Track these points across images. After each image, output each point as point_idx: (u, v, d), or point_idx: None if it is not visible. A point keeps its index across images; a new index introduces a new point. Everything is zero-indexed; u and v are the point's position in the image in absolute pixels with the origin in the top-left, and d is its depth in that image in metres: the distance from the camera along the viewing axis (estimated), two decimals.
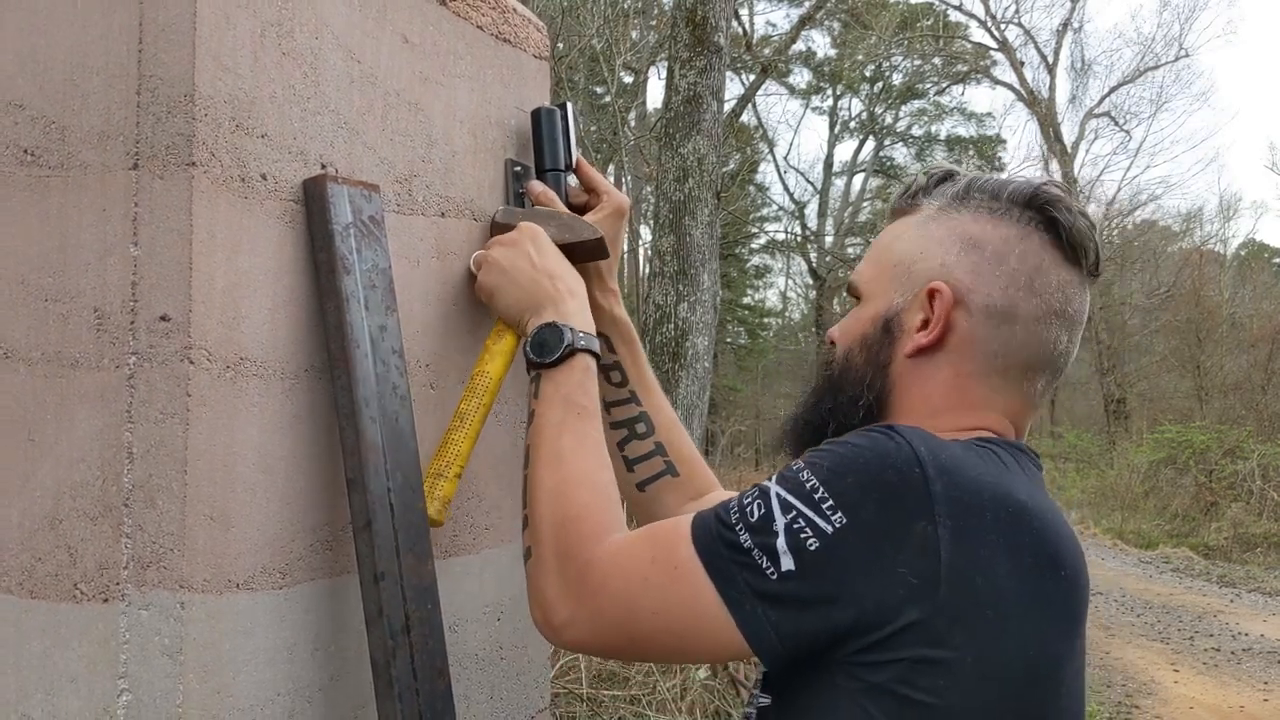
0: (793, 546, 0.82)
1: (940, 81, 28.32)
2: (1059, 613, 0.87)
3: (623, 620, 0.88)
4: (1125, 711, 5.87)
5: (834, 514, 0.82)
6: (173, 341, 0.87)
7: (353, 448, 0.96)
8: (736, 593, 0.84)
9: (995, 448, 0.91)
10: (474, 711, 1.19)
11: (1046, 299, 0.96)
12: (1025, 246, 0.96)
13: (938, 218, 1.00)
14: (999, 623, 0.82)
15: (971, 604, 0.81)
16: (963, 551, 0.81)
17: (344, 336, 0.97)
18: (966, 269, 0.96)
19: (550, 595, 0.92)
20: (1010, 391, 0.97)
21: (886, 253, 1.02)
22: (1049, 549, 0.86)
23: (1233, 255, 30.64)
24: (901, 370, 0.98)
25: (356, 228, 1.00)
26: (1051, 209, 0.96)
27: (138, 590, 0.86)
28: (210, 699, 0.87)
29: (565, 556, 0.92)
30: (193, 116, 0.88)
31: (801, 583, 0.82)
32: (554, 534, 0.94)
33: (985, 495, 0.83)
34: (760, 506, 0.85)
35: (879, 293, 1.01)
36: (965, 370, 0.96)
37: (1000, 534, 0.83)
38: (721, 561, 0.85)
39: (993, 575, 0.82)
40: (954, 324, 0.96)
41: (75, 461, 0.88)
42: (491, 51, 1.24)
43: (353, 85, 1.04)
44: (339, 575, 1.00)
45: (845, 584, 0.81)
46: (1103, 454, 19.55)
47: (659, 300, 7.78)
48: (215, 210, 0.89)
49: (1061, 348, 0.98)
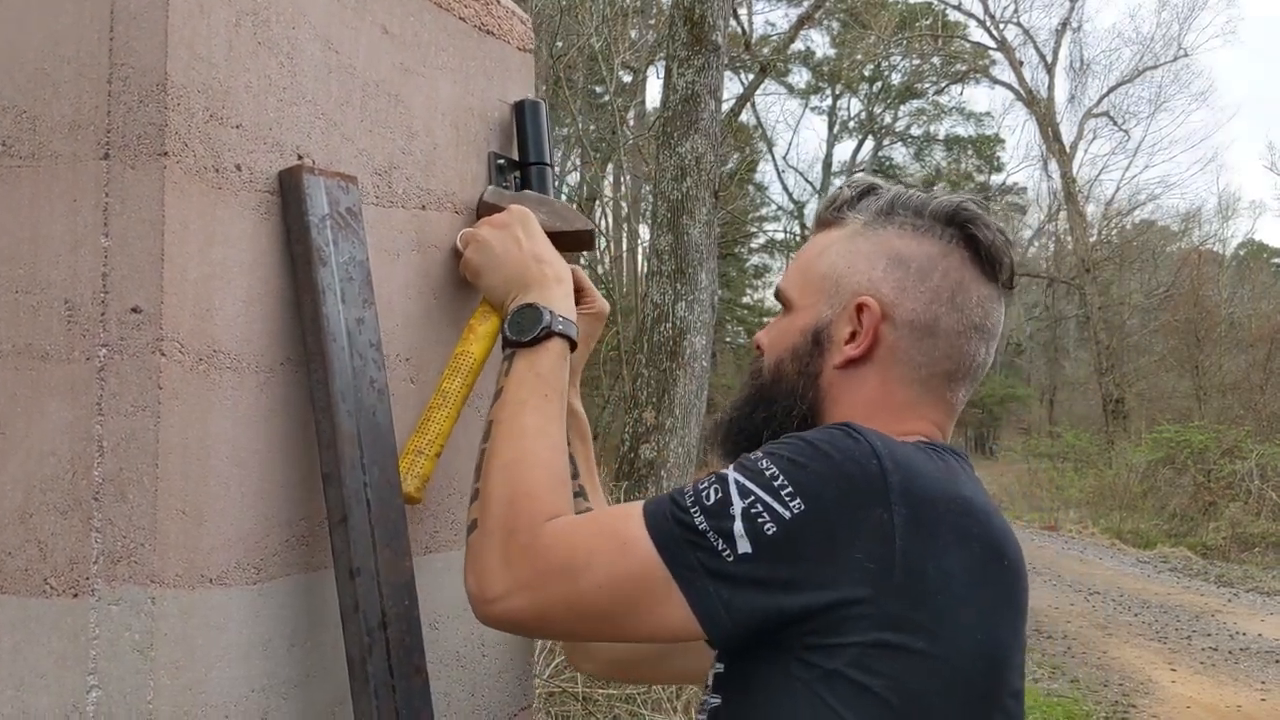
0: (749, 530, 0.84)
1: (939, 81, 28.33)
2: (1005, 601, 0.91)
3: (566, 593, 0.89)
4: (1122, 711, 5.87)
5: (792, 500, 0.84)
6: (144, 333, 0.86)
7: (328, 442, 0.95)
8: (688, 570, 0.85)
9: (934, 449, 0.95)
10: (455, 710, 1.18)
11: (967, 313, 1.01)
12: (947, 264, 1.01)
13: (864, 233, 1.04)
14: (952, 608, 0.86)
15: (925, 589, 0.84)
16: (917, 539, 0.84)
17: (320, 329, 0.96)
18: (892, 284, 1.01)
19: (491, 566, 0.92)
20: (933, 400, 1.02)
21: (814, 264, 1.06)
22: (994, 541, 0.90)
23: (1231, 255, 30.67)
24: (831, 380, 1.02)
25: (333, 219, 0.99)
26: (971, 226, 1.01)
27: (108, 585, 0.85)
28: (182, 695, 0.86)
29: (513, 530, 0.92)
30: (165, 106, 0.87)
31: (757, 565, 0.84)
32: (505, 508, 0.94)
33: (937, 490, 0.88)
34: (717, 491, 0.87)
35: (808, 305, 1.05)
36: (891, 379, 1.01)
37: (951, 525, 0.87)
38: (673, 541, 0.86)
39: (945, 563, 0.85)
40: (881, 337, 1.01)
41: (45, 455, 0.87)
42: (474, 43, 1.22)
43: (331, 76, 1.03)
44: (315, 570, 0.99)
45: (801, 568, 0.84)
46: (1101, 454, 19.54)
47: (656, 299, 7.77)
48: (188, 201, 0.88)
49: (980, 359, 1.03)
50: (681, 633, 0.88)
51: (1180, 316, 22.22)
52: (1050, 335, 31.35)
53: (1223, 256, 29.50)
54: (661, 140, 8.13)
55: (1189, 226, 29.69)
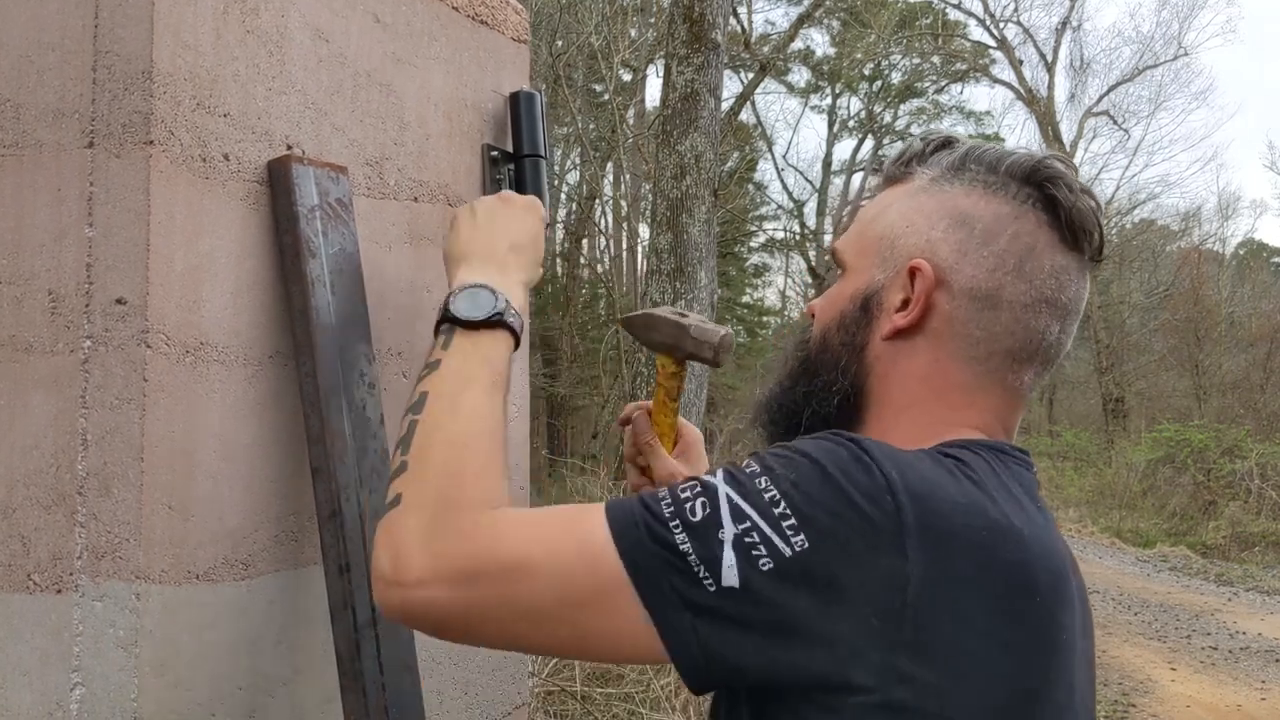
0: (741, 563, 0.72)
1: (939, 80, 28.31)
2: (1034, 645, 0.78)
3: (506, 596, 0.76)
4: (1122, 710, 5.86)
5: (795, 535, 0.73)
6: (129, 325, 0.85)
7: (317, 436, 0.94)
8: (659, 595, 0.73)
9: (971, 453, 0.83)
10: (448, 708, 1.16)
11: (1037, 284, 0.88)
12: (1019, 226, 0.89)
13: (929, 189, 0.92)
14: (968, 663, 0.74)
15: (939, 643, 0.73)
16: (931, 587, 0.73)
17: (309, 322, 0.94)
18: (952, 247, 0.89)
19: (411, 546, 0.78)
20: (993, 381, 0.90)
21: (872, 224, 0.95)
22: (1024, 574, 0.78)
23: (1231, 254, 30.66)
24: (879, 354, 0.91)
25: (323, 210, 0.97)
26: (1051, 186, 0.88)
27: (92, 581, 0.84)
28: (167, 693, 0.85)
29: (453, 507, 0.80)
30: (151, 94, 0.86)
31: (743, 604, 0.72)
32: (445, 483, 0.82)
33: (957, 521, 0.76)
34: (705, 507, 0.75)
35: (861, 267, 0.94)
36: (944, 355, 0.89)
37: (972, 562, 0.75)
38: (646, 557, 0.74)
39: (961, 613, 0.74)
40: (934, 305, 0.88)
41: (29, 449, 0.86)
42: (468, 33, 1.21)
43: (321, 65, 1.01)
44: (304, 566, 0.98)
45: (797, 615, 0.72)
46: (1101, 453, 19.53)
47: (656, 298, 7.75)
48: (174, 190, 0.87)
49: (1052, 338, 0.90)
50: (642, 659, 0.77)
51: (1180, 315, 22.21)
52: None
53: (1223, 255, 29.50)
54: (661, 139, 8.12)
55: (1189, 225, 29.67)
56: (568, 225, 19.17)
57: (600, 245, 21.47)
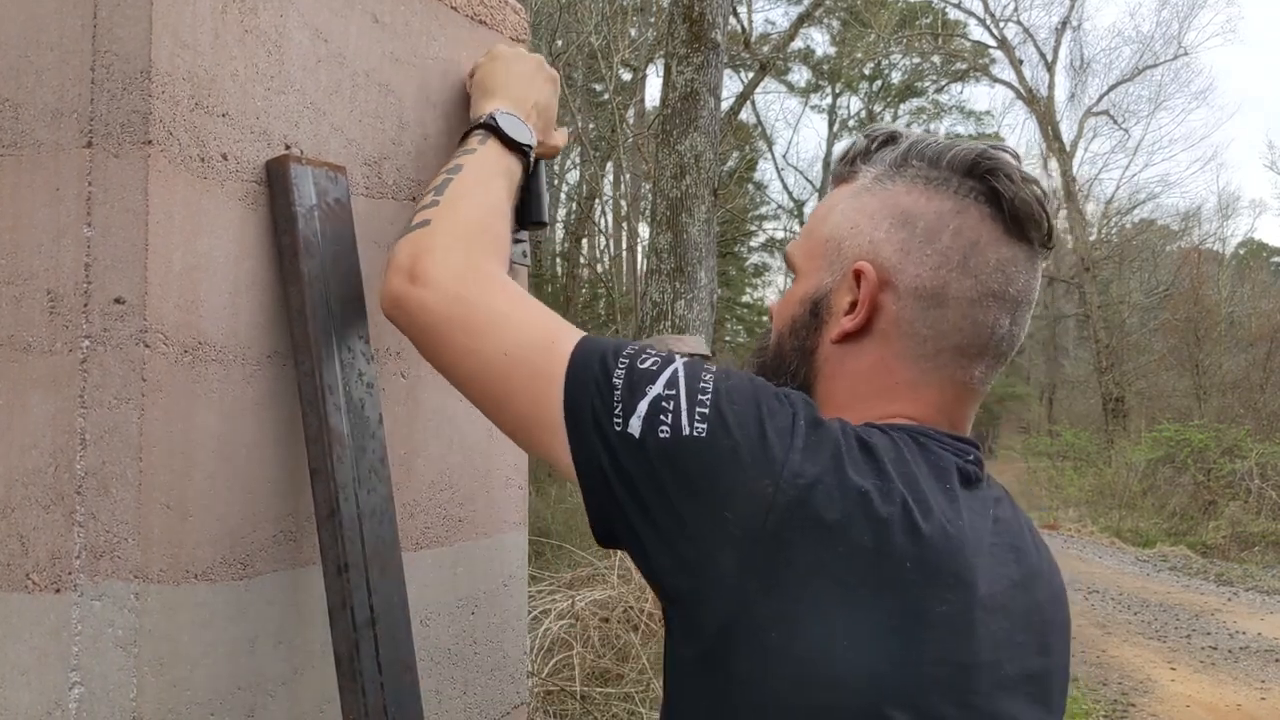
0: (648, 419, 0.78)
1: (939, 80, 28.31)
2: (889, 609, 0.75)
3: (478, 326, 0.87)
4: (1121, 709, 5.85)
5: (700, 423, 0.77)
6: (127, 325, 0.85)
7: (316, 435, 0.94)
8: (576, 404, 0.81)
9: (881, 433, 0.83)
10: (447, 707, 1.16)
11: (983, 279, 0.88)
12: (961, 221, 0.88)
13: (872, 188, 0.92)
14: (805, 611, 0.74)
15: (788, 581, 0.74)
16: (790, 528, 0.74)
17: (307, 321, 0.94)
18: (895, 247, 0.89)
19: (435, 254, 0.91)
20: (940, 377, 0.89)
21: (819, 226, 0.95)
22: (889, 546, 0.75)
23: (1231, 254, 30.67)
24: (828, 356, 0.91)
25: (321, 210, 0.97)
26: (992, 178, 0.88)
27: (90, 580, 0.84)
28: (167, 692, 0.85)
29: (478, 249, 0.93)
30: (149, 94, 0.86)
31: (634, 456, 0.78)
32: (474, 229, 0.95)
33: (832, 483, 0.76)
34: (655, 365, 0.81)
35: (810, 270, 0.94)
36: (891, 355, 0.89)
37: (832, 521, 0.74)
38: (584, 369, 0.82)
39: (813, 565, 0.74)
40: (881, 307, 0.89)
41: (27, 448, 0.86)
42: (466, 33, 1.21)
43: (319, 65, 1.01)
44: (302, 566, 0.98)
45: (668, 492, 0.77)
46: (1101, 453, 19.52)
47: (656, 298, 7.75)
48: (172, 190, 0.87)
49: (1002, 331, 0.89)
50: (546, 453, 0.84)
51: (1180, 315, 22.20)
52: (1050, 334, 31.35)
53: (1222, 255, 29.49)
54: (661, 138, 8.11)
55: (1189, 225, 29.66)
56: (567, 225, 19.17)
57: (600, 245, 21.47)
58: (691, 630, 0.78)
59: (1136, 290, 26.52)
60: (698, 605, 0.77)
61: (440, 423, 1.16)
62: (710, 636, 0.76)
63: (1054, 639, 0.88)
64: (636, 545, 0.80)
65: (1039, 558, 0.90)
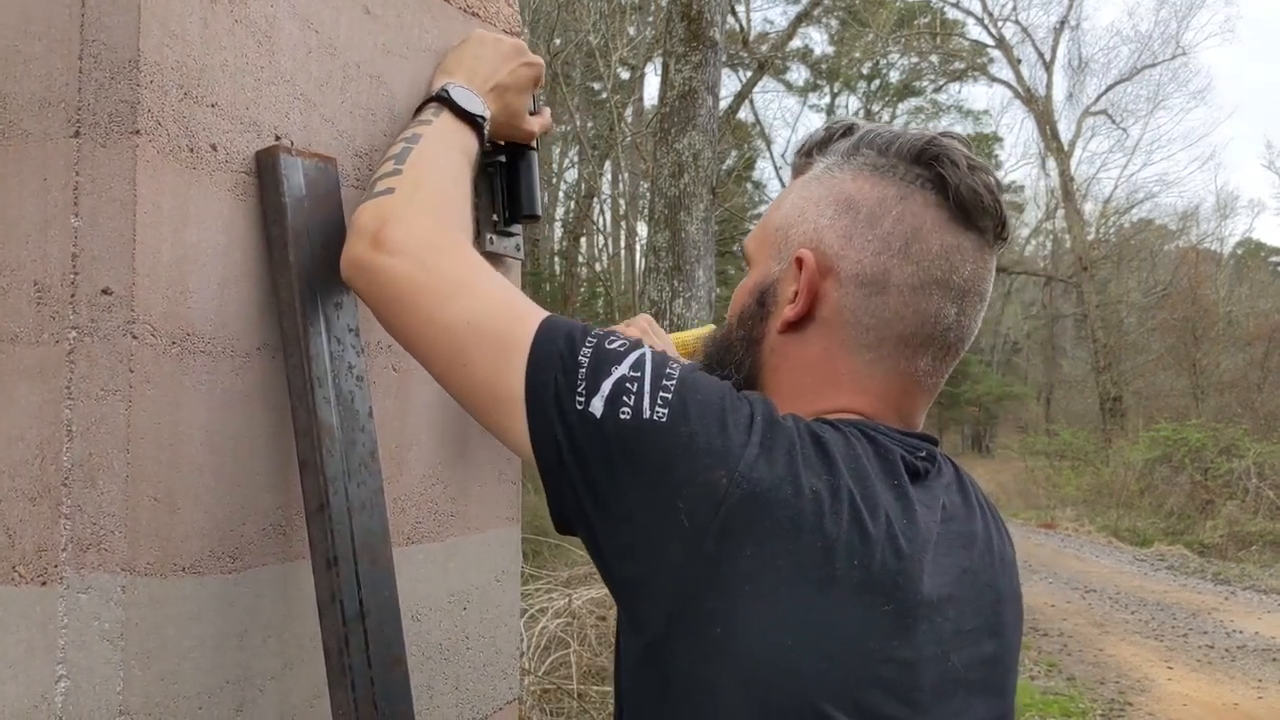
0: (610, 399, 0.77)
1: (937, 79, 28.31)
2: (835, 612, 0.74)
3: (443, 292, 0.85)
4: (1119, 708, 5.86)
5: (661, 408, 0.76)
6: (115, 316, 0.84)
7: (305, 428, 0.93)
8: (539, 378, 0.79)
9: (833, 429, 0.81)
10: (438, 703, 1.16)
11: (925, 266, 0.86)
12: (904, 207, 0.86)
13: (821, 177, 0.92)
14: (757, 606, 0.73)
15: (733, 577, 0.73)
16: (738, 524, 0.73)
17: (296, 313, 0.94)
18: (838, 233, 0.87)
19: (399, 220, 0.89)
20: (885, 369, 0.87)
21: (771, 217, 0.94)
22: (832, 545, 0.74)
23: (1229, 254, 30.69)
24: (774, 347, 0.90)
25: (311, 201, 0.96)
26: (939, 165, 0.86)
27: (77, 573, 0.83)
28: (154, 686, 0.84)
29: (442, 216, 0.92)
30: (137, 83, 0.85)
31: (592, 435, 0.76)
32: (436, 196, 0.94)
33: (785, 483, 0.75)
34: (622, 347, 0.80)
35: (760, 260, 0.94)
36: (835, 344, 0.87)
37: (780, 519, 0.74)
38: (549, 343, 0.81)
39: (767, 559, 0.73)
40: (823, 295, 0.87)
41: (14, 440, 0.85)
42: (459, 25, 1.20)
43: (310, 56, 1.01)
44: (292, 560, 0.97)
45: (620, 475, 0.75)
46: (1098, 452, 19.53)
47: (654, 296, 7.75)
48: (161, 181, 0.86)
49: (948, 320, 0.87)
50: (501, 429, 0.83)
51: (1178, 315, 22.22)
52: (1048, 333, 31.36)
53: (1220, 255, 29.52)
54: (659, 137, 8.10)
55: (1187, 225, 29.68)
56: (566, 223, 19.16)
57: (598, 243, 21.47)
58: (638, 622, 0.77)
59: (1134, 290, 26.53)
60: (646, 595, 0.76)
61: (432, 416, 1.16)
62: (656, 626, 0.75)
63: (1006, 614, 0.87)
64: (587, 530, 0.79)
65: (989, 533, 0.89)
